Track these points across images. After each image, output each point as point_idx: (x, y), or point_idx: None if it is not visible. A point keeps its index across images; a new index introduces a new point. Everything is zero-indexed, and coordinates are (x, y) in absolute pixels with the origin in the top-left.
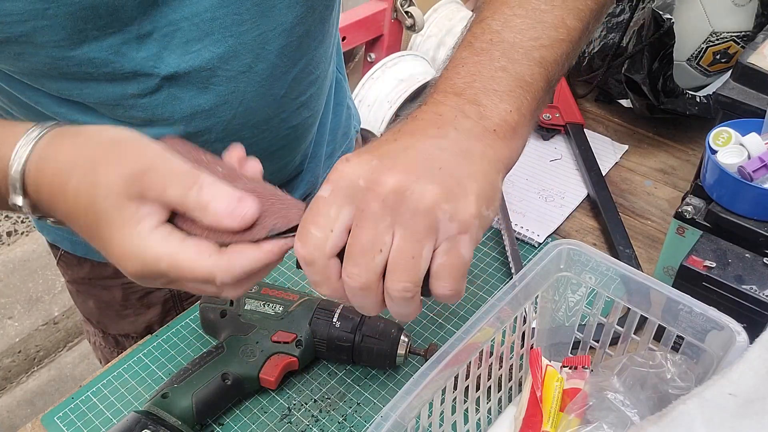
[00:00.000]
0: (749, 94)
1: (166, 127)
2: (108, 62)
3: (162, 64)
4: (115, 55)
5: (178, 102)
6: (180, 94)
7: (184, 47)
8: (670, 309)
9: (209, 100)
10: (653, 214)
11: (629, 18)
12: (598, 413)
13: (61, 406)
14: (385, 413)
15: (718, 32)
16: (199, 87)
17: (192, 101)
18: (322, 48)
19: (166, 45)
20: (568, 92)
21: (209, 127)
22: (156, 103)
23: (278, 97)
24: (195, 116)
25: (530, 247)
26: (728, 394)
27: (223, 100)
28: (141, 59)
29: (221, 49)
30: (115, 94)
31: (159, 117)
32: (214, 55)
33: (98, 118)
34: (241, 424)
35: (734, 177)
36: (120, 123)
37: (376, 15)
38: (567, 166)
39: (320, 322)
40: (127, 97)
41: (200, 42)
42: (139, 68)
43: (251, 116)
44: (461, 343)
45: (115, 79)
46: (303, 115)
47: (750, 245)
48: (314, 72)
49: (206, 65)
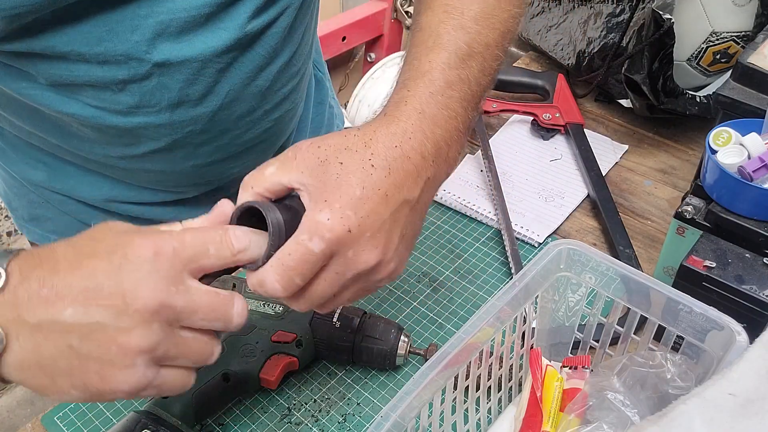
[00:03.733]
0: (749, 94)
1: (152, 115)
2: (101, 40)
3: (154, 51)
4: (109, 33)
5: (167, 90)
6: (169, 83)
7: (178, 36)
8: (670, 309)
9: (197, 90)
10: (653, 214)
11: (629, 18)
12: (598, 413)
13: (61, 406)
14: (385, 413)
15: (718, 32)
16: (189, 77)
17: (180, 91)
18: (303, 41)
19: (161, 32)
20: (568, 92)
21: (194, 117)
22: (145, 89)
23: (263, 89)
24: (181, 105)
25: (530, 247)
26: (728, 394)
27: (210, 90)
28: (134, 42)
29: (214, 42)
30: (105, 78)
31: (146, 104)
32: (206, 46)
33: (82, 107)
34: (241, 424)
35: (734, 177)
36: (105, 108)
37: (376, 15)
38: (567, 166)
39: (320, 322)
40: (117, 81)
41: (194, 32)
42: (131, 52)
43: (236, 108)
44: (461, 343)
45: (106, 61)
46: (284, 108)
47: (750, 245)
48: (296, 65)
49: (198, 56)
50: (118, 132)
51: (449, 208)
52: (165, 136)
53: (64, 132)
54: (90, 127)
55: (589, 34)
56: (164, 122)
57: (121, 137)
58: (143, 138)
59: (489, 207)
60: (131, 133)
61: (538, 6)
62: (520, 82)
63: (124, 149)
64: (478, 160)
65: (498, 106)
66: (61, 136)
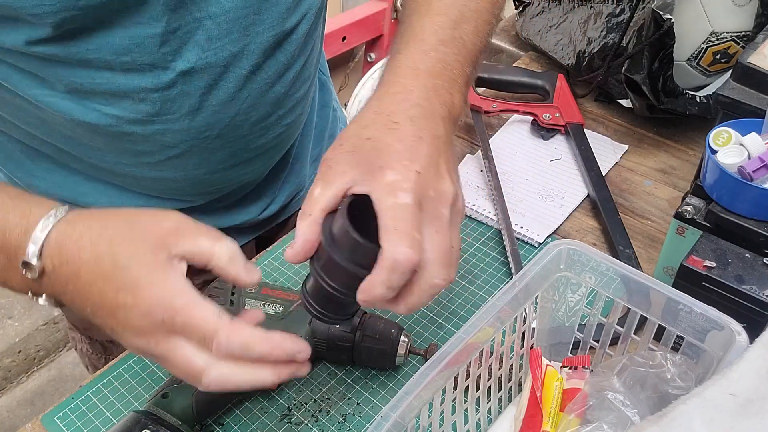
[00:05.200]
0: (749, 94)
1: (171, 122)
2: (128, 51)
3: (180, 59)
4: (137, 47)
5: (188, 98)
6: (190, 90)
7: (204, 45)
8: (670, 309)
9: (216, 96)
10: (653, 214)
11: (629, 18)
12: (598, 413)
13: (61, 406)
14: (385, 413)
15: (718, 32)
16: (210, 83)
17: (201, 97)
18: (315, 45)
19: (187, 41)
20: (568, 92)
21: (212, 123)
22: (167, 98)
23: (279, 94)
24: (200, 112)
25: (530, 247)
26: (728, 394)
27: (230, 97)
28: (161, 54)
29: (237, 48)
30: (128, 86)
31: (166, 111)
32: (230, 53)
33: (99, 115)
34: (241, 424)
35: (734, 177)
36: (123, 117)
37: (376, 15)
38: (567, 166)
39: (320, 322)
40: (140, 90)
41: (219, 40)
42: (157, 62)
43: (253, 114)
44: (461, 343)
45: (131, 70)
46: (296, 113)
47: (750, 245)
48: (309, 69)
49: (221, 62)
50: (134, 140)
51: None
52: (181, 143)
53: (75, 140)
54: (105, 135)
55: (589, 34)
56: (182, 129)
57: (136, 145)
58: (159, 145)
59: (489, 207)
60: (147, 141)
61: (538, 6)
62: (520, 82)
63: (138, 157)
64: (478, 160)
65: (498, 106)
66: (71, 143)
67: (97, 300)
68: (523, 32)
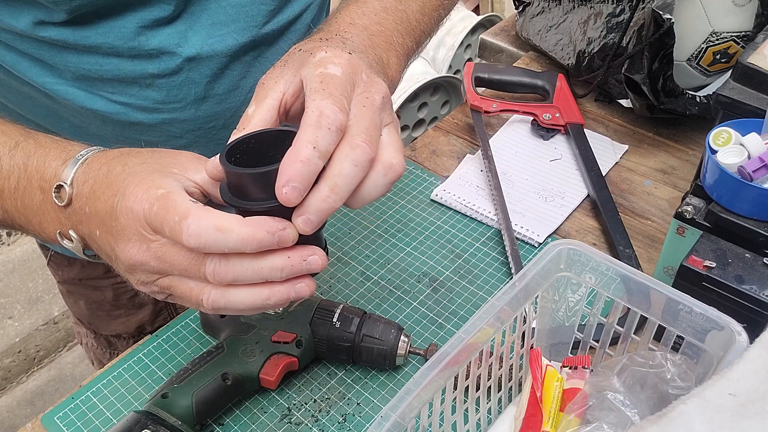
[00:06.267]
0: (749, 94)
1: (177, 111)
2: (134, 36)
3: (186, 44)
4: (144, 29)
5: (194, 85)
6: (197, 78)
7: (209, 30)
8: (670, 309)
9: (223, 85)
10: (653, 214)
11: (629, 18)
12: (598, 413)
13: (61, 406)
14: (385, 413)
15: (718, 32)
16: (216, 71)
17: (207, 86)
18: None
19: (192, 25)
20: (568, 92)
21: (218, 113)
22: (173, 84)
23: None
24: (206, 101)
25: (530, 247)
26: (728, 394)
27: (235, 85)
28: (167, 36)
29: (241, 36)
30: (135, 72)
31: (173, 99)
32: (236, 42)
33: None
34: (241, 424)
35: (734, 177)
36: (131, 105)
37: None
38: (567, 166)
39: (320, 322)
40: (146, 76)
41: (225, 27)
42: (163, 46)
43: None
44: (461, 343)
45: (138, 55)
46: None
47: (750, 245)
48: None
49: (227, 51)
50: (141, 129)
51: (449, 208)
52: (188, 133)
53: (82, 129)
54: (112, 124)
55: (589, 34)
56: (189, 118)
57: (143, 135)
58: (165, 135)
59: (489, 207)
60: (154, 130)
61: (538, 6)
62: (520, 82)
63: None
64: (478, 160)
65: (498, 106)
66: (78, 134)
67: (101, 212)
68: (523, 32)
